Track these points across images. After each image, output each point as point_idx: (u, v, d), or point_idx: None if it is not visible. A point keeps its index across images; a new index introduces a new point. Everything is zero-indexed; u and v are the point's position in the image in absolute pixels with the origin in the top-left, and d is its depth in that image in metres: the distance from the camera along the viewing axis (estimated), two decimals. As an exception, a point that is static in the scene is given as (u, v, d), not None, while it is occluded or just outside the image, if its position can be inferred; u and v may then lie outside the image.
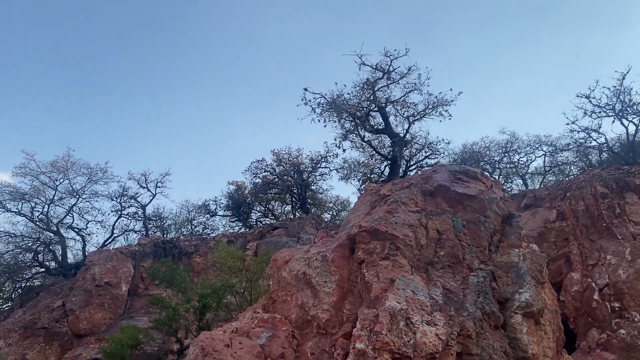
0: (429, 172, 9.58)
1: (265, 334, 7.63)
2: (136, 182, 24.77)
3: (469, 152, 24.99)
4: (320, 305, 7.75)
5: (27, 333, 15.04)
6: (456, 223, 8.26)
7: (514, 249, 8.30)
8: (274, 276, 8.85)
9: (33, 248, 21.15)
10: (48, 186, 21.69)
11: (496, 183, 9.54)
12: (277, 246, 16.81)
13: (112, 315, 15.49)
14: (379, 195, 9.40)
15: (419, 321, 6.77)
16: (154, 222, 25.91)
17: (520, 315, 7.59)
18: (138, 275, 17.18)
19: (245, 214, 27.85)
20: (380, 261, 7.71)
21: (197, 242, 20.18)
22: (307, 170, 26.33)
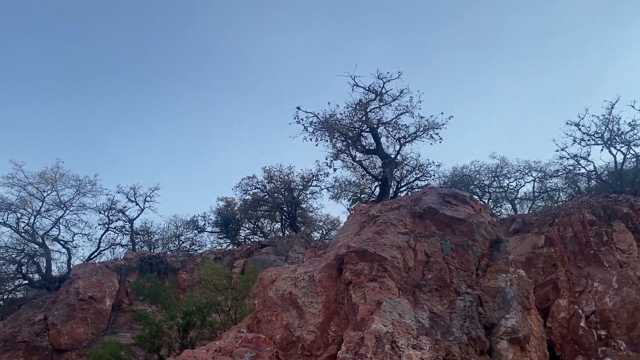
0: (418, 194, 9.60)
1: (248, 354, 7.52)
2: (125, 195, 24.59)
3: (459, 175, 25.11)
4: (305, 326, 7.67)
5: (7, 346, 14.73)
6: (444, 246, 8.26)
7: (502, 274, 8.30)
8: (259, 295, 8.76)
9: (17, 260, 20.84)
10: (35, 197, 21.48)
11: (485, 207, 9.57)
12: (265, 264, 16.68)
13: (95, 330, 15.21)
14: (368, 216, 9.39)
15: (404, 345, 6.71)
16: (141, 237, 25.68)
17: (506, 341, 7.56)
18: (123, 290, 16.95)
19: (233, 231, 27.68)
20: (368, 283, 7.67)
21: (183, 258, 19.98)
22: (298, 188, 26.29)
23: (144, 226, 26.26)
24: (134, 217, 24.81)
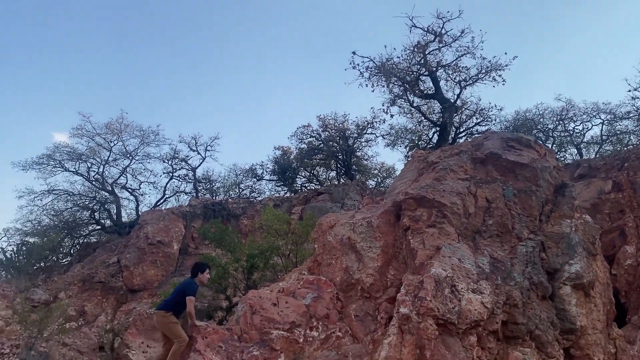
0: (480, 139, 9.36)
1: (310, 294, 7.80)
2: (186, 145, 25.36)
3: (522, 120, 24.17)
4: (364, 270, 7.83)
5: (86, 286, 15.89)
6: (506, 192, 8.09)
7: (566, 220, 8.08)
8: (319, 240, 8.97)
9: (90, 206, 22.14)
10: (103, 147, 22.51)
11: (550, 152, 9.23)
12: (322, 211, 16.96)
13: (164, 272, 16.15)
14: (426, 162, 9.28)
15: (464, 289, 6.75)
16: (203, 185, 26.60)
17: (569, 287, 7.45)
18: (189, 234, 17.77)
19: (290, 179, 28.14)
20: (427, 228, 7.68)
21: (244, 205, 20.61)
22: (353, 136, 26.19)
23: (205, 174, 27.18)
24: (196, 166, 25.67)
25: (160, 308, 7.89)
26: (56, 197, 21.81)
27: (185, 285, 8.07)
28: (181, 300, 7.78)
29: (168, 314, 7.64)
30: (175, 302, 7.85)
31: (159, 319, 7.73)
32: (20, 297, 12.58)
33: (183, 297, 7.80)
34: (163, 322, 7.68)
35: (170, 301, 7.91)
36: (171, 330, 7.60)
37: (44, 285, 16.28)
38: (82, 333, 12.82)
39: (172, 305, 7.80)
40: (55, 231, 20.38)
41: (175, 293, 8.07)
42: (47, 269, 18.78)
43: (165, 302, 7.97)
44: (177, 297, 7.87)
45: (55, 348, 10.80)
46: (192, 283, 8.07)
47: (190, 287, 7.94)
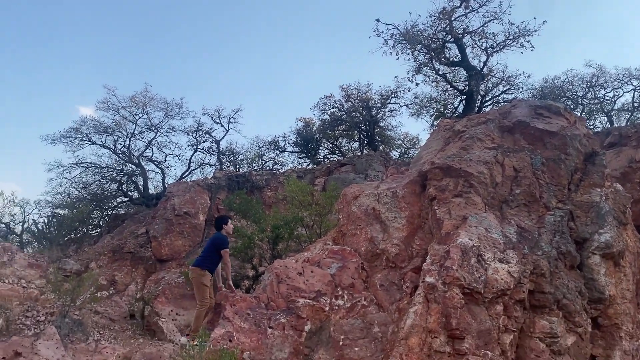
0: (507, 107, 9.16)
1: (335, 264, 7.86)
2: (210, 117, 25.47)
3: (550, 87, 23.55)
4: (389, 240, 7.84)
5: (116, 256, 16.30)
6: (534, 160, 7.95)
7: (596, 188, 7.92)
8: (343, 210, 8.99)
9: (117, 179, 22.55)
10: (128, 120, 22.76)
11: (580, 119, 8.99)
12: (345, 182, 16.94)
13: (191, 242, 16.44)
14: (453, 131, 9.15)
15: (490, 258, 6.72)
16: (227, 157, 26.79)
17: (598, 256, 7.35)
18: (214, 206, 17.99)
19: (313, 151, 28.13)
20: (453, 198, 7.62)
21: (267, 177, 20.72)
22: (376, 107, 25.93)
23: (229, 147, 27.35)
24: (219, 138, 25.81)
25: (197, 264, 8.22)
26: (84, 169, 22.27)
27: (217, 239, 8.43)
28: (215, 255, 8.17)
29: (204, 272, 8.07)
30: (209, 258, 8.24)
31: (195, 275, 8.15)
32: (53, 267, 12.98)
33: (216, 252, 8.20)
34: (197, 279, 8.08)
35: (206, 257, 8.25)
36: (200, 290, 8.02)
37: (75, 255, 16.75)
38: (113, 301, 13.21)
39: (208, 262, 8.17)
40: (84, 203, 20.85)
41: (209, 249, 8.39)
42: (77, 240, 19.29)
43: (202, 259, 8.28)
44: (211, 252, 8.26)
45: (88, 316, 11.16)
46: (223, 236, 8.49)
47: (223, 240, 8.40)
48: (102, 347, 9.50)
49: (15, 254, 12.75)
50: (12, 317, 9.39)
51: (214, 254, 8.34)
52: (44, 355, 8.53)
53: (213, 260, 8.33)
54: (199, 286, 8.13)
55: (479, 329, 6.17)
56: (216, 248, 8.31)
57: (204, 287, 8.09)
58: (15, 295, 10.19)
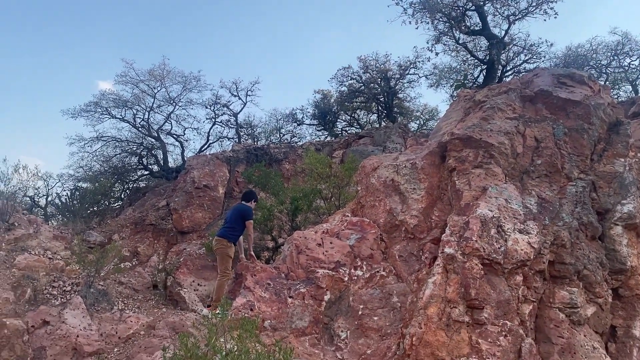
0: (529, 76, 8.98)
1: (354, 235, 7.91)
2: (227, 90, 25.42)
3: (573, 56, 22.95)
4: (408, 211, 7.84)
5: (138, 229, 16.59)
6: (556, 130, 7.82)
7: (619, 159, 7.78)
8: (362, 182, 8.99)
9: (137, 152, 22.77)
10: (147, 94, 22.82)
11: (604, 88, 8.78)
12: (363, 155, 16.89)
13: (211, 215, 16.63)
14: (473, 102, 9.02)
15: (510, 229, 6.69)
16: (245, 130, 26.82)
17: (620, 227, 7.27)
18: (233, 179, 18.12)
19: (331, 123, 27.99)
20: (473, 169, 7.56)
21: (286, 150, 20.73)
22: (395, 78, 25.58)
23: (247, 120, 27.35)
24: (237, 111, 25.79)
25: (223, 236, 8.41)
26: (105, 143, 22.51)
27: (244, 209, 8.68)
28: (240, 225, 8.39)
29: (230, 243, 8.27)
30: (234, 228, 8.45)
31: (221, 246, 8.34)
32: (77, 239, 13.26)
33: (242, 222, 8.40)
34: (222, 250, 8.29)
35: (232, 228, 8.46)
36: (224, 261, 8.25)
37: (99, 228, 17.10)
38: (136, 272, 13.50)
39: (233, 233, 8.39)
40: (105, 176, 21.15)
41: (234, 219, 8.57)
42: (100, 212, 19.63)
43: (227, 230, 8.47)
44: (236, 223, 8.47)
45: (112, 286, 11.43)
46: (249, 207, 8.72)
47: (250, 211, 8.68)
48: (127, 316, 9.75)
49: (40, 226, 13.06)
50: (39, 287, 9.67)
51: (239, 224, 8.53)
52: (71, 323, 8.80)
53: (237, 231, 8.52)
54: (223, 257, 8.33)
55: (498, 299, 6.19)
56: (242, 218, 8.51)
57: (228, 258, 8.31)
58: (42, 266, 10.47)
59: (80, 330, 8.74)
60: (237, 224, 8.55)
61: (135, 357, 8.06)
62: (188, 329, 8.65)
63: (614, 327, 7.06)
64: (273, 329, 6.56)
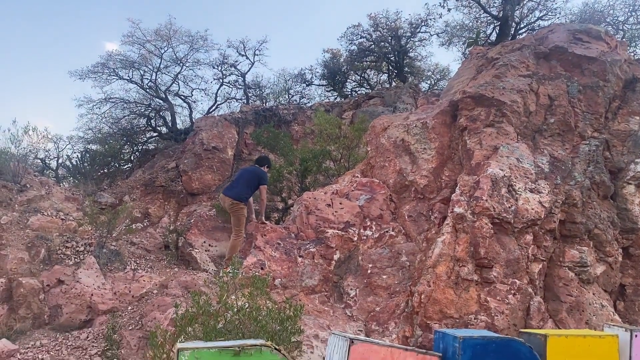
0: (544, 32, 8.73)
1: (363, 196, 7.91)
2: (235, 49, 25.01)
3: (590, 12, 22.27)
4: (418, 171, 7.80)
5: (148, 190, 16.68)
6: (571, 88, 7.65)
7: (635, 117, 7.63)
8: (372, 142, 8.93)
9: (146, 114, 22.66)
10: (154, 54, 22.51)
11: (622, 43, 8.53)
12: (373, 116, 16.68)
13: (221, 177, 16.64)
14: (485, 59, 8.82)
15: (521, 188, 6.65)
16: (253, 91, 26.55)
17: (633, 186, 7.19)
18: (242, 140, 18.04)
19: (340, 84, 27.60)
20: (484, 128, 7.46)
21: (295, 111, 20.55)
22: (406, 36, 25.03)
23: (255, 80, 27.03)
24: (245, 71, 25.46)
25: (237, 198, 8.48)
26: (113, 105, 22.37)
27: (260, 173, 8.76)
28: (254, 187, 8.48)
29: (244, 205, 8.35)
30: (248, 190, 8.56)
31: (236, 207, 8.42)
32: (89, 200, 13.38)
33: (256, 184, 8.46)
34: (237, 212, 8.39)
35: (245, 190, 8.54)
36: (239, 222, 8.37)
37: (109, 189, 17.22)
38: (147, 233, 13.66)
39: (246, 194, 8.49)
40: (114, 138, 21.14)
41: (249, 180, 8.61)
42: (110, 174, 19.73)
43: (241, 191, 8.53)
44: (251, 184, 8.54)
45: (125, 246, 11.59)
46: (265, 173, 8.79)
47: (266, 176, 8.73)
48: (140, 276, 9.91)
49: (52, 187, 13.18)
50: (53, 247, 9.82)
51: (253, 186, 8.59)
52: (85, 282, 8.97)
53: (251, 192, 8.59)
54: (239, 217, 8.46)
55: (508, 258, 6.20)
56: (258, 181, 8.56)
57: (243, 217, 8.47)
58: (55, 227, 10.61)
59: (94, 289, 8.92)
60: (251, 186, 8.62)
61: (149, 315, 8.23)
62: (200, 287, 8.79)
63: (623, 286, 7.07)
64: (283, 287, 6.65)
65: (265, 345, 3.38)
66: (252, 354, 3.31)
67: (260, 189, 8.67)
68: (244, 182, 8.71)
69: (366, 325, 6.42)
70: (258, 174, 8.71)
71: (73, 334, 8.18)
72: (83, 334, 8.12)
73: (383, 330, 6.26)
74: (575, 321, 6.24)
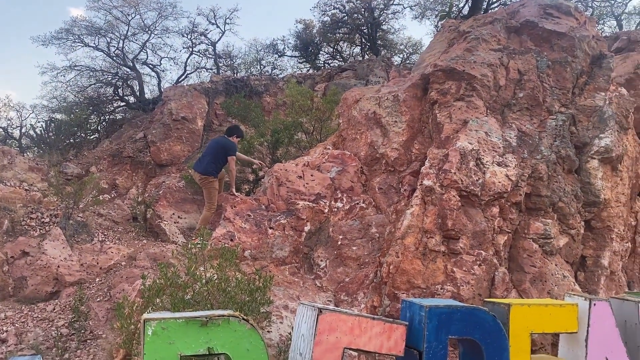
0: (516, 6, 8.76)
1: (335, 168, 7.91)
2: (205, 18, 24.43)
3: (561, -12, 22.46)
4: (389, 144, 7.83)
5: (115, 161, 16.34)
6: (540, 63, 7.73)
7: (600, 92, 7.77)
8: (343, 115, 8.90)
9: (112, 82, 22.04)
10: (121, 21, 21.79)
11: (590, 19, 8.64)
12: (345, 88, 16.62)
13: (190, 148, 16.38)
14: (457, 32, 8.82)
15: (489, 162, 6.74)
16: (224, 61, 26.06)
17: (597, 161, 7.37)
18: (212, 111, 17.74)
19: (313, 55, 27.34)
20: (454, 102, 7.50)
21: (266, 82, 20.29)
22: (379, 8, 24.87)
23: (226, 50, 26.53)
24: (215, 40, 24.92)
25: (205, 172, 8.39)
26: (78, 73, 21.67)
27: (228, 143, 8.64)
28: (222, 159, 8.38)
29: (214, 178, 8.30)
30: (216, 162, 8.45)
31: (205, 181, 8.34)
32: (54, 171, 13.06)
33: (223, 156, 8.36)
34: (207, 185, 8.38)
35: (213, 163, 8.44)
36: (209, 193, 8.34)
37: (75, 160, 16.82)
38: (115, 204, 13.43)
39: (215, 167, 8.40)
40: (80, 108, 20.53)
41: (216, 152, 8.50)
42: (76, 144, 19.25)
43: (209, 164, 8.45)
44: (219, 156, 8.44)
45: (92, 218, 11.39)
46: (233, 144, 8.65)
47: (233, 146, 8.60)
48: (107, 247, 9.79)
49: (15, 157, 12.80)
50: (16, 218, 9.59)
51: (221, 158, 8.47)
52: (51, 254, 8.81)
53: (219, 165, 8.50)
54: (210, 190, 8.42)
55: (474, 230, 6.32)
56: (225, 152, 8.44)
57: (214, 190, 8.44)
58: (18, 197, 10.34)
59: (60, 261, 8.76)
60: (218, 158, 8.50)
61: (117, 287, 8.16)
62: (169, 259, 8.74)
63: (584, 257, 7.31)
64: (253, 258, 6.65)
65: (233, 315, 3.38)
66: (219, 324, 3.31)
67: (228, 161, 8.57)
68: (211, 155, 8.62)
69: (335, 296, 6.50)
70: (224, 146, 8.60)
71: (39, 305, 8.06)
72: (49, 306, 8.01)
73: (352, 301, 6.35)
74: (538, 291, 6.44)
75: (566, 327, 4.40)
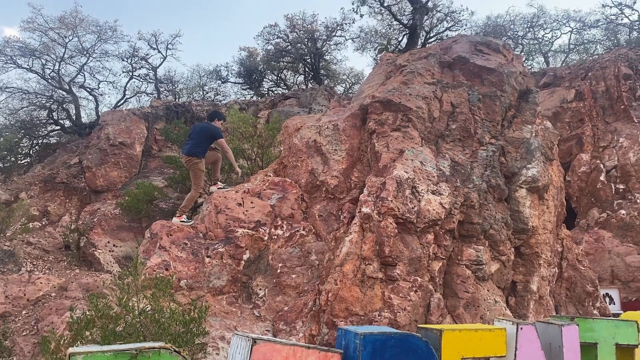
0: (449, 42, 9.21)
1: (275, 195, 7.91)
2: (146, 42, 24.14)
3: (492, 26, 23.84)
4: (329, 172, 7.93)
5: (48, 187, 15.65)
6: (471, 96, 8.12)
7: (527, 125, 8.24)
8: (285, 142, 8.96)
9: (47, 106, 21.25)
10: (57, 43, 21.17)
11: (517, 57, 9.19)
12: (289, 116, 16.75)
13: (127, 174, 15.95)
14: (394, 65, 9.15)
15: (424, 190, 6.95)
16: (165, 86, 25.75)
17: (525, 190, 7.76)
18: (152, 136, 17.41)
19: (257, 82, 27.50)
20: (391, 132, 7.73)
21: (208, 107, 20.16)
22: (322, 39, 25.44)
23: (167, 75, 26.25)
24: (157, 65, 24.63)
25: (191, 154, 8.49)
26: (10, 94, 20.82)
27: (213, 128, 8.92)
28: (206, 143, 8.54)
29: (199, 159, 8.35)
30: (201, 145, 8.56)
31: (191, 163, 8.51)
32: (-20, 197, 12.34)
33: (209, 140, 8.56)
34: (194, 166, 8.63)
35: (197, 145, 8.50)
36: (195, 174, 8.55)
37: (4, 185, 15.98)
38: (46, 232, 12.82)
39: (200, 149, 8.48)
40: (11, 131, 19.65)
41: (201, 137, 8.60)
42: (6, 169, 18.35)
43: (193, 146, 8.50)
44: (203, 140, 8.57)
45: (20, 246, 10.82)
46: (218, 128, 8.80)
47: (218, 130, 8.78)
48: (36, 278, 9.30)
49: None
50: None
51: (206, 142, 8.56)
52: (-28, 286, 8.27)
53: (204, 147, 8.56)
54: (195, 172, 8.47)
55: (410, 257, 6.47)
56: (211, 137, 8.50)
57: (200, 172, 8.48)
58: (-62, 225, 9.69)
59: (-18, 293, 8.24)
60: (203, 141, 8.58)
61: (45, 319, 7.74)
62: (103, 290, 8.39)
63: (515, 282, 7.60)
64: (189, 288, 6.50)
65: (165, 347, 3.28)
66: (150, 357, 3.20)
67: (218, 143, 8.72)
68: (195, 138, 8.63)
69: (274, 325, 6.43)
70: (210, 130, 8.67)
71: (-44, 342, 7.51)
72: (-33, 342, 7.48)
73: (290, 330, 6.30)
74: (471, 316, 6.63)
75: (495, 352, 4.54)
